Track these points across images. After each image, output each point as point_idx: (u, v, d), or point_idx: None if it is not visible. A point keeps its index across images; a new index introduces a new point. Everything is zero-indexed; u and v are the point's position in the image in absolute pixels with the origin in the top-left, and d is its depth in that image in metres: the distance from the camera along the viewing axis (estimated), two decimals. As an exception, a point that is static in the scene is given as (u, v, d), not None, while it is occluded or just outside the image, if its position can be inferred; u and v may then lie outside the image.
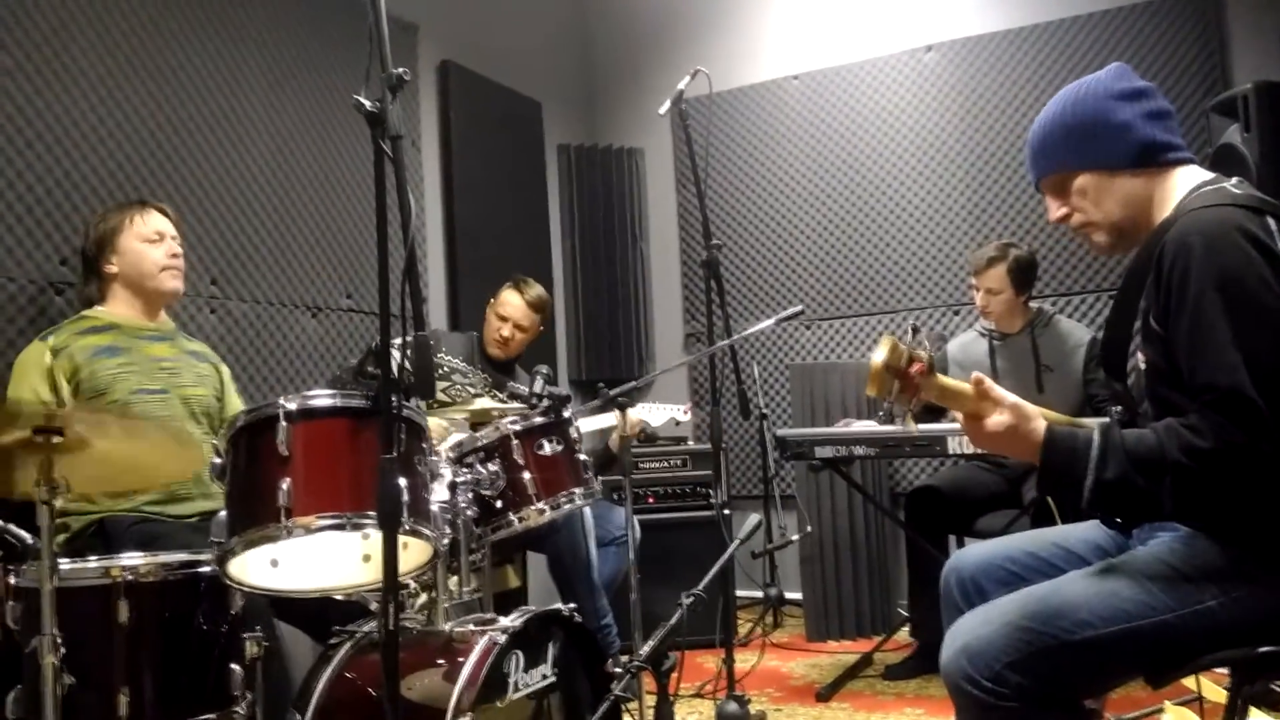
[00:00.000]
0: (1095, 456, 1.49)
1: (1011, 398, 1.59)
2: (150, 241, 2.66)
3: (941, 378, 1.61)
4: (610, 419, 3.33)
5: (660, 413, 3.71)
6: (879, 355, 1.57)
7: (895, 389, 1.58)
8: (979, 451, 3.30)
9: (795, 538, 3.89)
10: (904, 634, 3.90)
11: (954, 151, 4.69)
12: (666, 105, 3.21)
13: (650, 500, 4.26)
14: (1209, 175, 1.70)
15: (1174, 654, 1.58)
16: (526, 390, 3.64)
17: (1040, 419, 1.58)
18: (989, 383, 1.58)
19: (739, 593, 4.57)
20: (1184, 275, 1.52)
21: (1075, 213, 1.77)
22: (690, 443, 4.53)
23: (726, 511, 3.63)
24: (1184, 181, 1.69)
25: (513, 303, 3.74)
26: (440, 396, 2.49)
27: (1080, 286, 4.43)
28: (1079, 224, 1.78)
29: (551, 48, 5.37)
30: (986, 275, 3.68)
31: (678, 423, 3.78)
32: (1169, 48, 4.24)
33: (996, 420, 1.57)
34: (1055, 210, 1.81)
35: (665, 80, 4.99)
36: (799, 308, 3.06)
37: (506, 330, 3.74)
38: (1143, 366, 1.66)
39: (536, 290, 3.77)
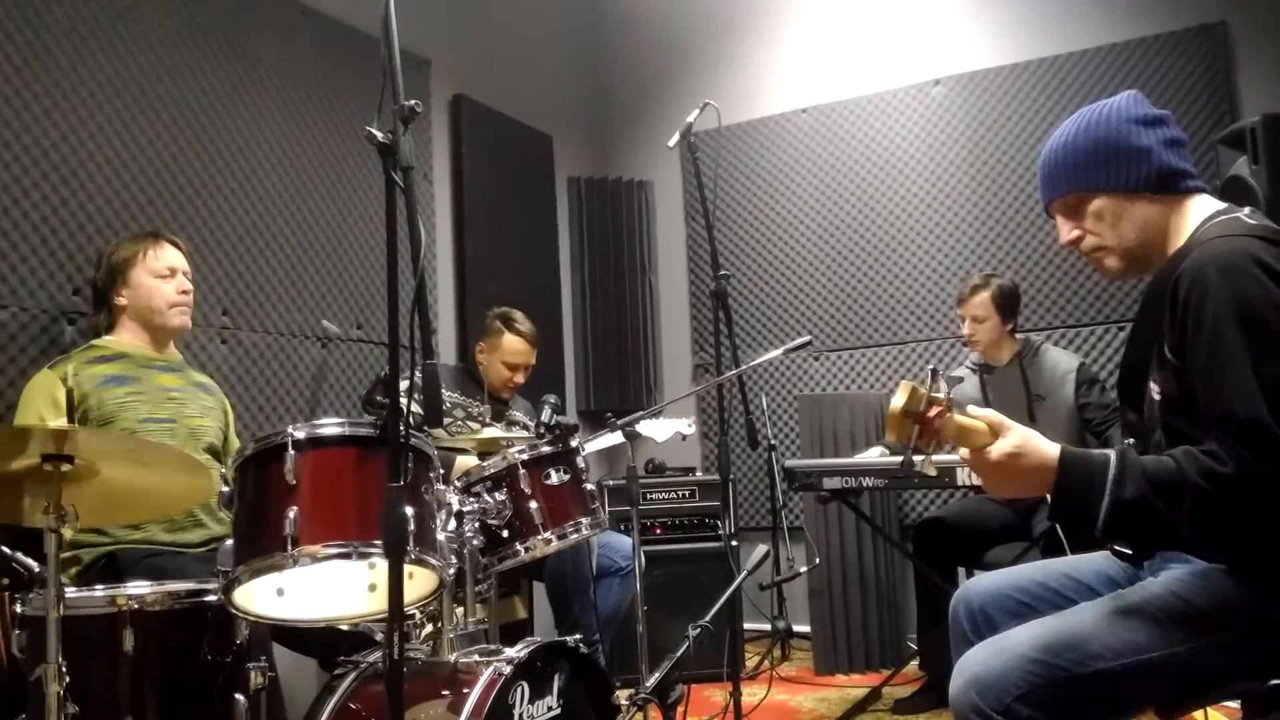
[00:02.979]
0: (1113, 476, 1.46)
1: (1013, 423, 1.55)
2: (162, 277, 2.68)
3: (959, 418, 1.58)
4: (616, 438, 3.32)
5: (665, 428, 3.69)
6: (898, 400, 1.54)
7: (915, 433, 1.56)
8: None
9: (803, 570, 3.87)
10: (913, 667, 3.86)
11: (962, 184, 4.70)
12: (675, 138, 3.23)
13: (657, 531, 4.24)
14: (1222, 205, 1.69)
15: (1185, 687, 1.57)
16: (525, 418, 3.64)
17: (1048, 441, 1.54)
18: (997, 415, 1.55)
19: (746, 625, 4.54)
20: (1200, 306, 1.52)
21: (1088, 235, 1.76)
22: (698, 473, 4.52)
23: (734, 543, 3.60)
24: (1198, 210, 1.69)
25: (519, 349, 3.70)
26: (440, 432, 2.48)
27: (1089, 319, 4.42)
28: (1091, 247, 1.76)
29: (562, 82, 5.43)
30: (971, 303, 3.74)
31: (684, 437, 3.76)
32: (1177, 80, 4.26)
33: (1006, 444, 1.52)
34: (1067, 233, 1.79)
35: (674, 114, 5.02)
36: (807, 338, 3.06)
37: (520, 377, 3.72)
38: (1157, 396, 1.65)
39: (528, 325, 3.73)
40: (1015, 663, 1.53)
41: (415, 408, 1.72)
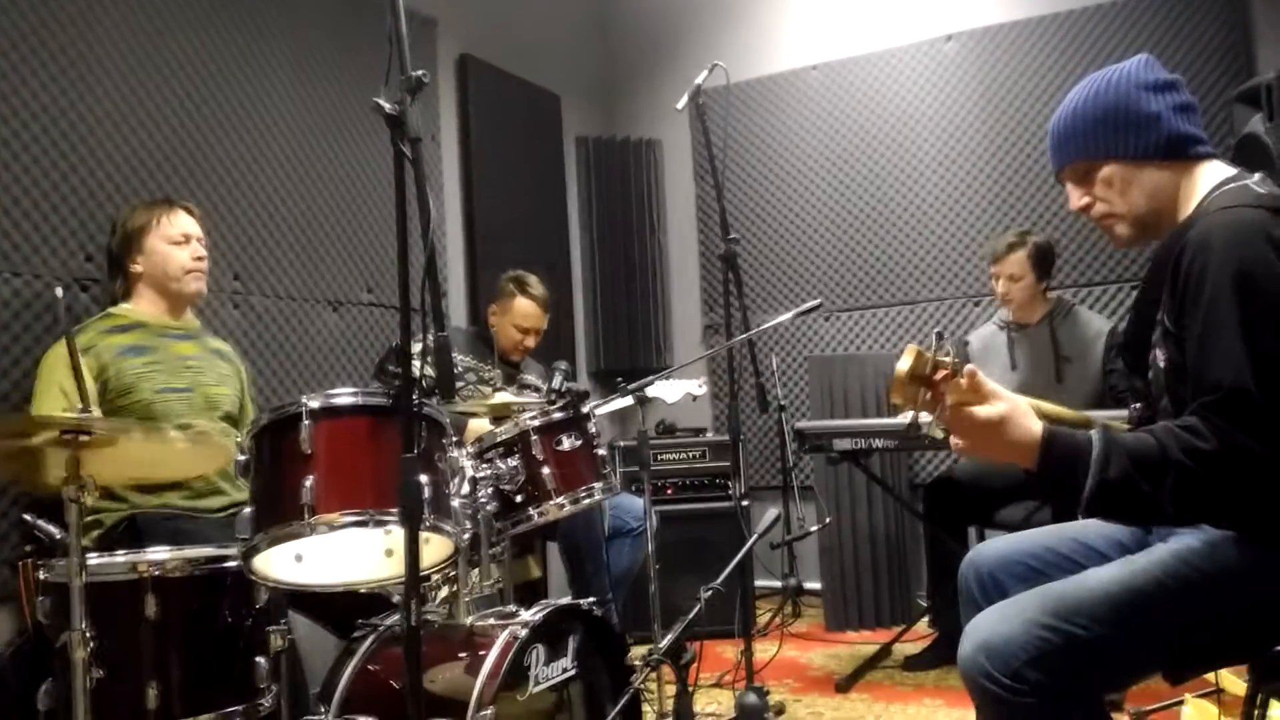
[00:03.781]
0: (1097, 456, 1.45)
1: (1006, 392, 1.53)
2: (176, 244, 2.69)
3: (963, 383, 1.57)
4: (626, 401, 3.33)
5: (675, 389, 3.69)
6: (903, 364, 1.54)
7: (921, 397, 1.56)
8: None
9: (814, 529, 3.89)
10: (923, 624, 3.90)
11: (974, 142, 4.66)
12: (684, 101, 3.20)
13: (669, 491, 4.27)
14: (1233, 171, 1.68)
15: (1193, 652, 1.58)
16: (537, 380, 3.65)
17: (1034, 416, 1.52)
18: (980, 376, 1.52)
19: (758, 583, 4.59)
20: (1200, 274, 1.51)
21: (1098, 203, 1.75)
22: (709, 434, 4.54)
23: (745, 503, 3.62)
24: (1208, 177, 1.68)
25: (530, 312, 3.70)
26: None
27: (1102, 277, 4.40)
28: (1100, 214, 1.76)
29: (570, 40, 5.38)
30: (1006, 261, 3.64)
31: (694, 398, 3.76)
32: (1192, 36, 4.20)
33: (989, 411, 1.49)
34: (1077, 199, 1.78)
35: (683, 71, 4.98)
36: (817, 301, 3.05)
37: (530, 340, 3.72)
38: (1161, 364, 1.65)
39: (541, 289, 3.73)
40: (1024, 628, 1.53)
41: (428, 370, 1.73)
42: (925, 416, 1.60)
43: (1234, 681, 2.42)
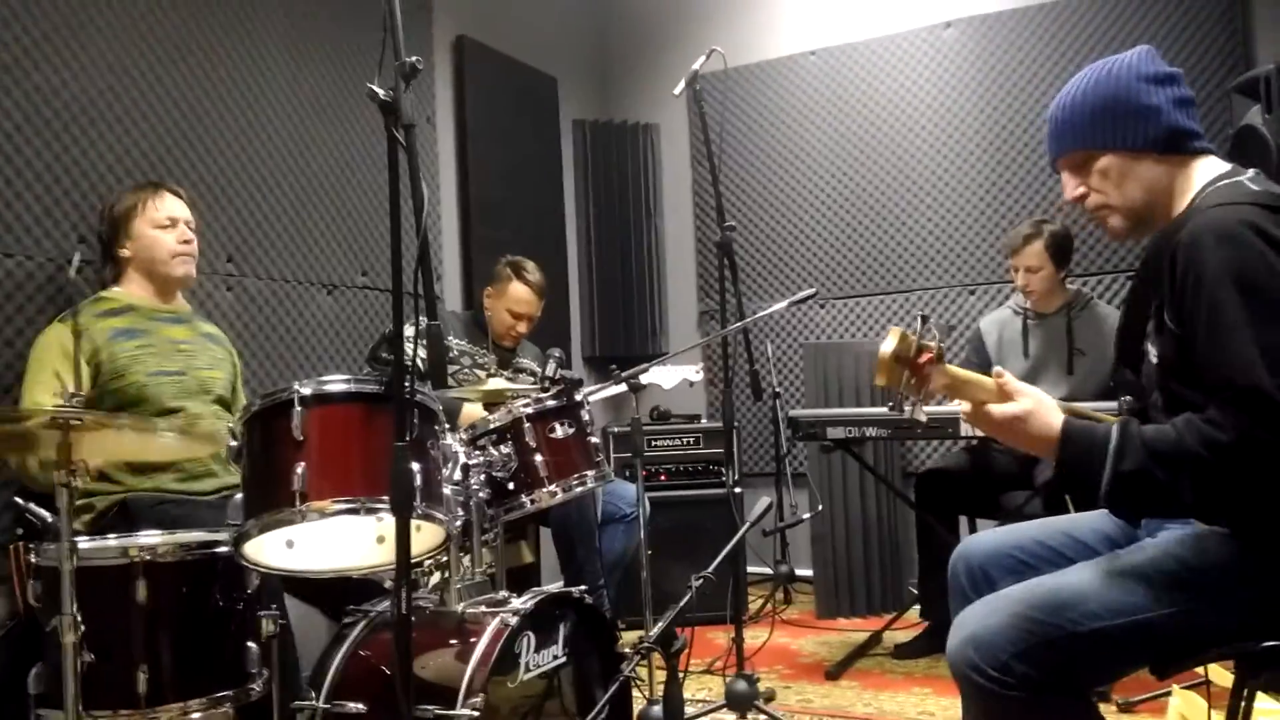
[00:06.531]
0: (1113, 449, 1.48)
1: (1029, 388, 1.58)
2: (163, 227, 2.66)
3: (950, 368, 1.61)
4: (621, 388, 3.33)
5: (672, 375, 3.68)
6: (888, 346, 1.58)
7: (905, 379, 1.59)
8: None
9: (806, 516, 3.90)
10: (914, 613, 3.92)
11: (972, 130, 4.65)
12: (681, 86, 3.19)
13: (662, 478, 4.28)
14: (1227, 167, 1.68)
15: (1180, 647, 1.59)
16: (533, 364, 3.64)
17: (1058, 411, 1.57)
18: (1008, 376, 1.58)
19: (750, 569, 4.60)
20: (1198, 274, 1.51)
21: (1093, 194, 1.75)
22: (703, 420, 4.55)
23: (738, 490, 3.63)
24: (1203, 172, 1.68)
25: (525, 298, 3.67)
26: (448, 381, 2.51)
27: (1101, 267, 4.39)
28: (1095, 205, 1.76)
29: (567, 22, 5.34)
30: (1024, 253, 3.59)
31: (691, 384, 3.75)
32: (1191, 26, 4.19)
33: (1013, 407, 1.56)
34: (1072, 189, 1.78)
35: (681, 55, 4.95)
36: (812, 291, 3.05)
37: (522, 326, 3.70)
38: (1154, 360, 1.66)
39: (538, 276, 3.71)
40: (1012, 621, 1.55)
41: (422, 352, 1.72)
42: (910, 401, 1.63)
43: (1222, 673, 2.44)
